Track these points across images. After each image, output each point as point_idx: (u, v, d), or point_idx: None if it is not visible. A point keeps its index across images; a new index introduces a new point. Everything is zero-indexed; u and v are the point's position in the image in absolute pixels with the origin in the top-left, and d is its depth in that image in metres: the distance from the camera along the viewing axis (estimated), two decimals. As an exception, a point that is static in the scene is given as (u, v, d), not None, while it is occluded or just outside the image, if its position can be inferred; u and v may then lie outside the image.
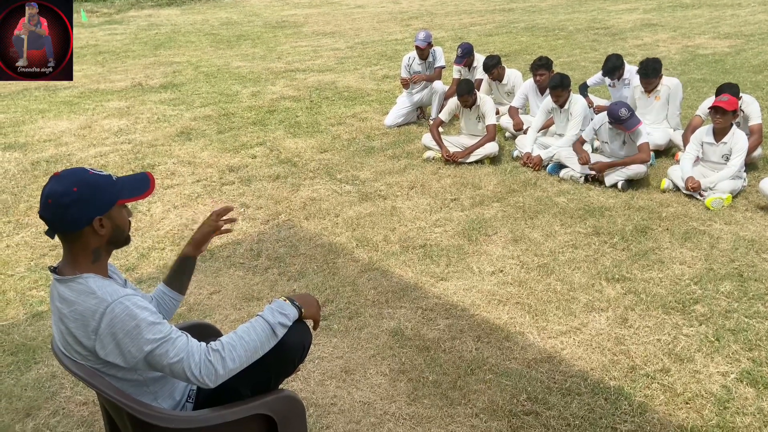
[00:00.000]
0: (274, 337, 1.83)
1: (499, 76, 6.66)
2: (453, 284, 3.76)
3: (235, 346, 1.75)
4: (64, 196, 1.67)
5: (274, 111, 7.71)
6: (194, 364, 1.69)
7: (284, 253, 4.21)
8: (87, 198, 1.69)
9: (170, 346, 1.68)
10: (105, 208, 1.73)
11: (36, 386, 2.96)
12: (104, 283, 1.72)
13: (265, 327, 1.81)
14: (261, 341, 1.79)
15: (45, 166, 5.93)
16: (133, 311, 1.66)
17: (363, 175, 5.56)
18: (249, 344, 1.77)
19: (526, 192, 5.11)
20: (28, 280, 3.94)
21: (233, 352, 1.74)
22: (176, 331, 1.72)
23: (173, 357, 1.68)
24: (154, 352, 1.67)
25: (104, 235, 1.75)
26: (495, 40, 12.16)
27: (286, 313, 1.86)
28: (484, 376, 2.93)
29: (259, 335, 1.79)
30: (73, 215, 1.68)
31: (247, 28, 15.21)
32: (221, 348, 1.73)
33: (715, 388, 2.81)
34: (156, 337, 1.67)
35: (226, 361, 1.72)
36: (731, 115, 4.84)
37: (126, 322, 1.65)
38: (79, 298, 1.69)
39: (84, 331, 1.68)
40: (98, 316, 1.66)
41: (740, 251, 4.00)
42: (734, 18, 13.72)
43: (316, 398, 2.85)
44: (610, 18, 14.47)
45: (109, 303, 1.66)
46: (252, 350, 1.77)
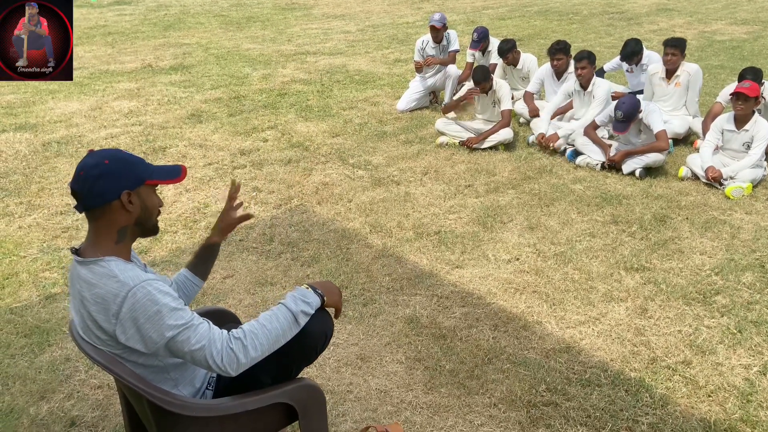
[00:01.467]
0: (297, 326, 1.79)
1: (514, 60, 6.55)
2: (468, 272, 3.72)
3: (257, 334, 1.71)
4: (95, 167, 1.67)
5: (285, 94, 7.64)
6: (216, 352, 1.66)
7: (297, 238, 4.17)
8: (117, 171, 1.69)
9: (192, 332, 1.65)
10: (134, 183, 1.71)
11: (50, 369, 2.94)
12: (126, 267, 1.68)
13: (287, 315, 1.77)
14: (283, 329, 1.76)
15: (56, 147, 5.89)
16: (155, 296, 1.63)
17: (375, 160, 5.50)
18: (271, 332, 1.73)
19: (542, 179, 5.04)
20: (40, 262, 3.92)
21: (255, 341, 1.70)
22: (198, 317, 1.69)
23: (195, 344, 1.65)
24: (176, 339, 1.64)
25: (132, 213, 1.72)
26: (508, 24, 11.99)
27: (308, 301, 1.82)
28: (502, 366, 2.90)
29: (281, 323, 1.76)
30: (102, 187, 1.67)
31: (256, 10, 15.07)
32: (243, 336, 1.70)
33: (738, 381, 2.76)
34: (178, 323, 1.64)
35: (248, 349, 1.69)
36: (753, 102, 4.74)
37: (148, 307, 1.62)
38: (100, 281, 1.66)
39: (105, 315, 1.65)
40: (120, 300, 1.63)
41: (762, 242, 3.93)
42: (751, 3, 13.48)
43: (332, 385, 2.82)
44: (625, 2, 14.25)
45: (131, 287, 1.63)
46: (274, 338, 1.74)
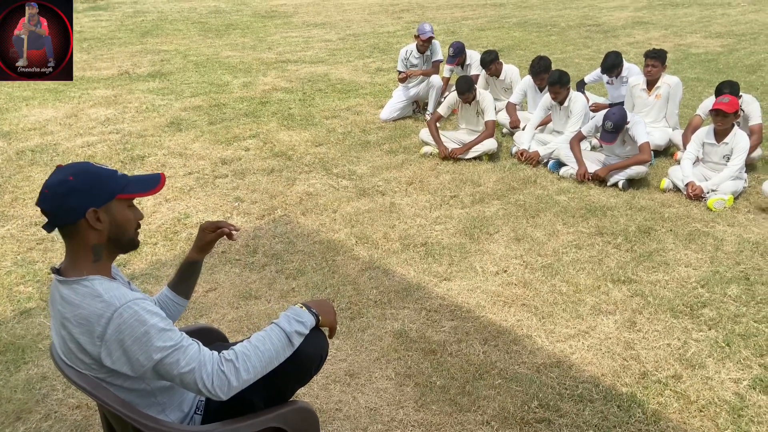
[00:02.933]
0: (290, 347, 1.73)
1: (496, 71, 6.57)
2: (457, 284, 3.68)
3: (249, 356, 1.65)
4: (60, 185, 1.59)
5: (267, 102, 7.56)
6: (206, 375, 1.58)
7: (281, 250, 4.09)
8: (83, 188, 1.60)
9: (181, 354, 1.57)
10: (102, 200, 1.62)
11: (26, 388, 2.83)
12: (111, 286, 1.61)
13: (281, 336, 1.71)
14: (277, 351, 1.69)
15: (30, 155, 5.73)
16: (142, 316, 1.55)
17: (360, 169, 5.45)
18: (264, 354, 1.67)
19: (527, 190, 5.03)
20: (14, 275, 3.78)
21: (247, 363, 1.63)
22: (188, 338, 1.61)
23: (184, 366, 1.57)
24: (164, 361, 1.57)
25: (102, 231, 1.64)
26: (488, 35, 12.07)
27: (302, 320, 1.76)
28: (493, 381, 2.86)
29: (275, 344, 1.69)
30: (69, 205, 1.59)
31: (236, 17, 14.96)
32: (235, 358, 1.63)
33: (729, 396, 2.76)
34: (166, 345, 1.56)
35: (240, 372, 1.62)
36: (732, 117, 4.80)
37: (135, 328, 1.54)
38: (84, 301, 1.57)
39: (89, 337, 1.56)
40: (105, 321, 1.54)
41: (745, 254, 3.97)
42: (725, 17, 13.77)
43: (320, 403, 2.75)
44: (602, 15, 14.46)
45: (117, 307, 1.55)
46: (267, 360, 1.67)
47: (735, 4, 15.63)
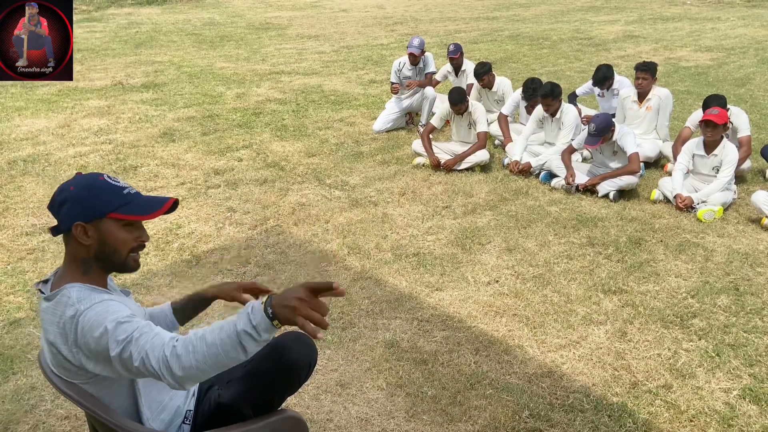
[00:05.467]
0: (242, 349, 1.42)
1: (489, 83, 6.62)
2: (448, 294, 3.68)
3: (193, 342, 1.44)
4: (61, 192, 1.63)
5: (260, 113, 7.57)
6: (154, 360, 1.44)
7: (274, 260, 4.09)
8: (78, 199, 1.60)
9: (133, 346, 1.46)
10: (90, 215, 1.59)
11: (14, 398, 2.80)
12: (85, 292, 1.58)
13: (231, 332, 1.42)
14: (224, 344, 1.42)
15: (22, 165, 5.72)
16: (102, 315, 1.51)
17: (352, 180, 5.46)
18: (210, 347, 1.42)
19: (518, 200, 5.06)
20: (4, 285, 3.76)
21: (189, 347, 1.43)
22: (143, 327, 1.49)
23: (136, 359, 1.46)
24: (122, 356, 1.47)
25: (89, 246, 1.61)
26: (481, 48, 12.16)
27: (255, 323, 1.40)
28: (485, 392, 2.85)
29: (222, 339, 1.42)
30: (63, 214, 1.62)
31: (230, 29, 15.02)
32: (180, 344, 1.45)
33: (719, 405, 2.77)
34: (120, 338, 1.48)
35: (181, 358, 1.43)
36: (722, 128, 4.85)
37: (95, 328, 1.50)
38: (59, 309, 1.57)
39: (66, 346, 1.56)
40: (73, 326, 1.53)
41: (735, 264, 3.99)
42: (714, 32, 13.93)
43: (311, 413, 2.74)
44: (593, 29, 14.60)
45: (82, 311, 1.53)
46: (213, 354, 1.42)
47: (724, 19, 15.83)
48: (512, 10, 18.43)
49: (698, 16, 16.42)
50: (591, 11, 17.77)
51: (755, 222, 4.60)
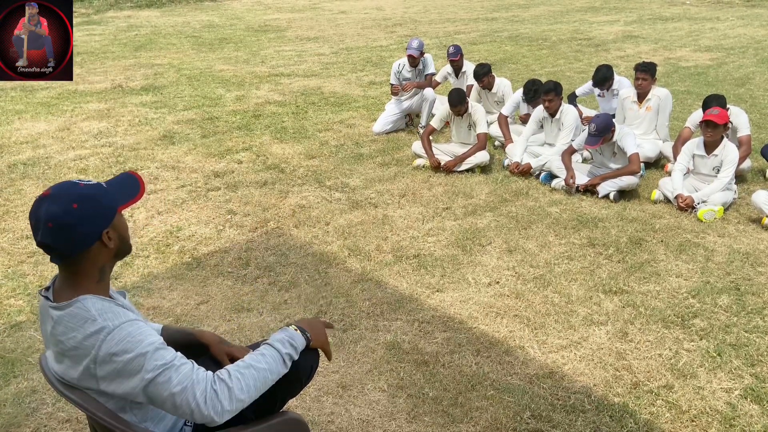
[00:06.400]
0: (284, 368, 1.73)
1: (489, 84, 6.62)
2: (449, 296, 3.68)
3: (244, 375, 1.61)
4: (66, 215, 1.53)
5: (260, 116, 7.58)
6: (200, 394, 1.53)
7: (274, 262, 4.09)
8: (91, 213, 1.57)
9: (173, 372, 1.53)
10: (109, 219, 1.61)
11: (16, 402, 2.80)
12: (105, 306, 1.58)
13: (275, 356, 1.71)
14: (272, 371, 1.69)
15: (22, 169, 5.72)
16: (135, 337, 1.53)
17: (353, 182, 5.46)
18: (259, 373, 1.65)
19: (519, 201, 5.06)
20: (5, 289, 3.76)
21: (241, 382, 1.59)
22: (182, 357, 1.58)
23: (176, 386, 1.52)
24: (156, 380, 1.52)
25: (113, 248, 1.63)
26: (480, 49, 12.17)
27: (295, 344, 1.78)
28: (486, 393, 2.85)
29: (269, 364, 1.69)
30: (81, 234, 1.56)
31: (229, 31, 15.03)
32: (228, 377, 1.58)
33: (720, 405, 2.77)
34: (158, 363, 1.52)
35: (233, 391, 1.57)
36: (722, 128, 4.85)
37: (127, 349, 1.52)
38: (77, 324, 1.55)
39: (83, 361, 1.54)
40: (99, 344, 1.52)
41: (735, 264, 3.99)
42: (713, 32, 13.94)
43: (312, 415, 2.74)
44: (592, 29, 14.60)
45: (111, 330, 1.53)
46: (262, 380, 1.65)
47: (723, 19, 15.83)
48: (511, 11, 18.44)
49: (697, 16, 16.43)
50: (590, 12, 17.78)
51: (756, 222, 4.60)
